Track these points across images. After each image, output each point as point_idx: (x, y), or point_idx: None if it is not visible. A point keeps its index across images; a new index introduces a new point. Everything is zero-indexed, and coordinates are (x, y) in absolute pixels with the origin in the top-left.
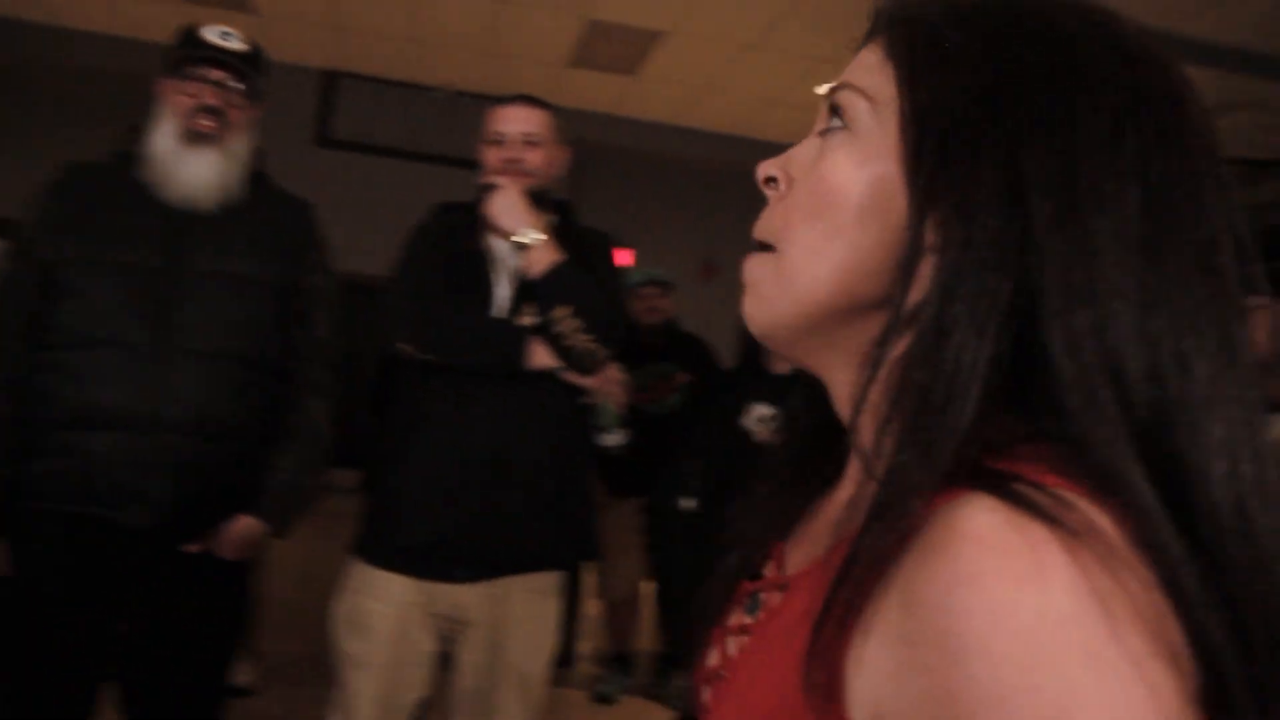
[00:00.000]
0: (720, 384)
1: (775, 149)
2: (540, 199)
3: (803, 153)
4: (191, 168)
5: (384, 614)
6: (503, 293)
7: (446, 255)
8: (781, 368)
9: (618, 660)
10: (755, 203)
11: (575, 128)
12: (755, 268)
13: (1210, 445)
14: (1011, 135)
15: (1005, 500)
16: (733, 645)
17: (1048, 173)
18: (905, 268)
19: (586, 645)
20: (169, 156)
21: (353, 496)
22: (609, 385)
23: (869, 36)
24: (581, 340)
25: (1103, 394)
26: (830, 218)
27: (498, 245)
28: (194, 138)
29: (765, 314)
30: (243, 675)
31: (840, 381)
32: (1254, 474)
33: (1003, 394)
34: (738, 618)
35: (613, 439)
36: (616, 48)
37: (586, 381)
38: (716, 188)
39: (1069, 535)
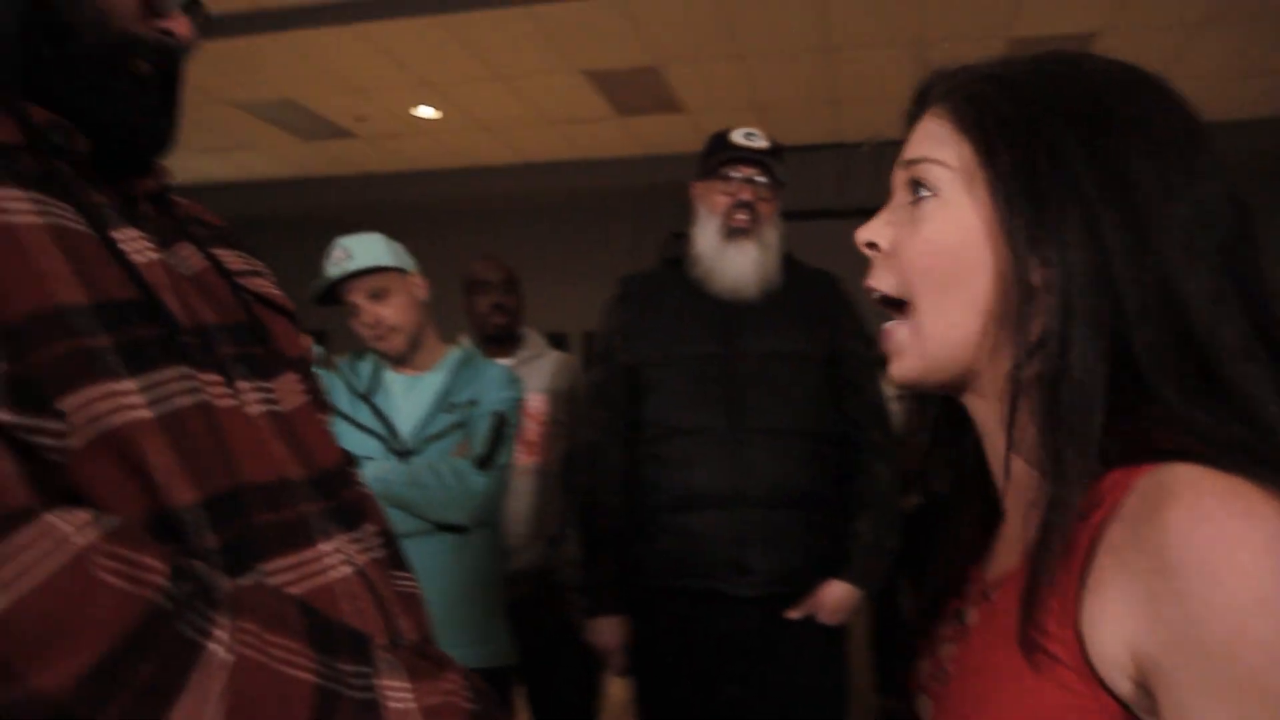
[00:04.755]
0: None
1: None
2: None
3: (893, 218)
4: (734, 261)
5: None
6: None
7: None
8: None
9: None
10: None
11: None
12: (896, 334)
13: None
14: (1085, 193)
15: (1199, 464)
16: (947, 650)
17: (1121, 217)
18: (1021, 307)
19: None
20: (713, 253)
21: None
22: None
23: (920, 110)
24: None
25: (1188, 381)
26: (946, 276)
27: None
28: (732, 233)
29: (912, 373)
30: None
31: (985, 410)
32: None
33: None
34: (949, 630)
35: None
36: None
37: None
38: None
39: (1259, 485)
